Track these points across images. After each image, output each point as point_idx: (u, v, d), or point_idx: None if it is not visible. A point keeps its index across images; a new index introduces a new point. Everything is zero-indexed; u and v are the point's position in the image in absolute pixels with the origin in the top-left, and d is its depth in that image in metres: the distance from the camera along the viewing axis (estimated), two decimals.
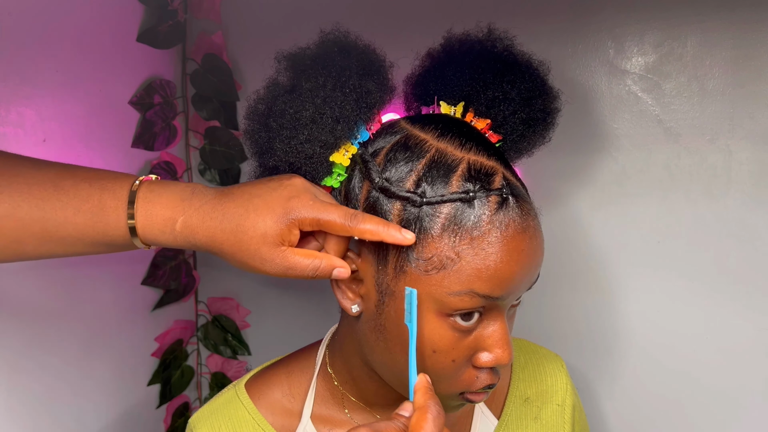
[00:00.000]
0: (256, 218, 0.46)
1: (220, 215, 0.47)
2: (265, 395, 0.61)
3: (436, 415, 0.43)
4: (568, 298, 0.84)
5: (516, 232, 0.48)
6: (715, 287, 0.76)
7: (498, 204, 0.47)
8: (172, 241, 0.49)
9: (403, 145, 0.50)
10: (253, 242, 0.47)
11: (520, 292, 0.50)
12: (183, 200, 0.48)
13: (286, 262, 0.47)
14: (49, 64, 0.76)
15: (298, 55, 0.54)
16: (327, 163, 0.52)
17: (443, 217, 0.47)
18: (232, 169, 1.03)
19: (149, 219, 0.48)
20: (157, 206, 0.48)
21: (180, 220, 0.48)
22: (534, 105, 0.56)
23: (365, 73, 0.52)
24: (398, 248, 0.48)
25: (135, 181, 0.49)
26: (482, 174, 0.48)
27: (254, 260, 0.47)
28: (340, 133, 0.51)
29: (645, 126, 0.76)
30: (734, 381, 0.77)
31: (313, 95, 0.50)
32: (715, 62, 0.72)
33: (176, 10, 0.93)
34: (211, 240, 0.47)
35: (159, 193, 0.49)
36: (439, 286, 0.47)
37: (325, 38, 0.54)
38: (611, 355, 0.83)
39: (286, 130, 0.50)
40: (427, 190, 0.48)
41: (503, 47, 0.58)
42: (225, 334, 1.09)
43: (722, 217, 0.74)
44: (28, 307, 0.77)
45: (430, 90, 0.57)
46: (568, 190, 0.81)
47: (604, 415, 0.85)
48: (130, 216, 0.48)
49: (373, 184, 0.49)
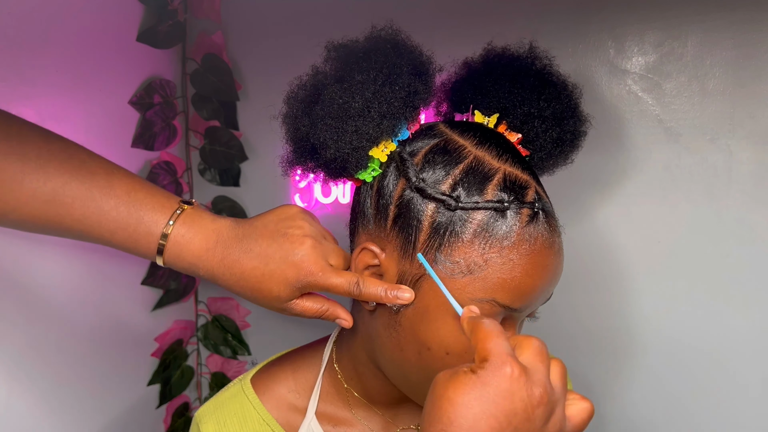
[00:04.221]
0: (270, 285, 0.52)
1: (239, 273, 0.53)
2: (271, 390, 0.61)
3: (489, 322, 0.41)
4: (568, 297, 0.84)
5: (543, 247, 0.49)
6: (715, 287, 0.76)
7: (529, 217, 0.48)
8: (193, 275, 0.56)
9: (442, 149, 0.51)
10: (267, 301, 0.53)
11: (536, 306, 0.52)
12: (207, 250, 0.54)
13: (295, 310, 0.54)
14: (49, 64, 0.76)
15: (349, 47, 0.54)
16: (366, 156, 0.52)
17: (476, 223, 0.48)
18: (231, 168, 1.03)
19: (176, 261, 0.54)
20: (185, 251, 0.54)
21: (203, 268, 0.54)
22: (565, 126, 0.57)
23: (415, 73, 0.53)
24: (426, 248, 0.49)
25: (169, 220, 0.53)
26: (517, 186, 0.49)
27: (269, 307, 0.55)
28: (385, 128, 0.51)
29: (645, 126, 0.76)
30: (734, 381, 0.77)
31: (363, 88, 0.51)
32: (716, 62, 0.72)
33: (176, 10, 0.93)
34: (230, 288, 0.54)
35: (189, 238, 0.54)
36: (462, 290, 0.48)
37: (376, 34, 0.54)
38: (610, 355, 0.83)
39: (333, 119, 0.51)
40: (462, 194, 0.48)
41: (542, 65, 0.59)
42: (225, 334, 1.09)
43: (722, 217, 0.74)
44: (29, 307, 0.77)
45: (467, 98, 0.58)
46: (568, 190, 0.81)
47: (603, 416, 0.85)
48: (159, 252, 0.53)
49: (409, 183, 0.50)
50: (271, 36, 0.95)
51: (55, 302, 0.81)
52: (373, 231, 0.53)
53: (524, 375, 0.37)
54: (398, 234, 0.50)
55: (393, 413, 0.62)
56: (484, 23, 0.81)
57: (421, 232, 0.49)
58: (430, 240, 0.49)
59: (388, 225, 0.51)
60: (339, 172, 0.54)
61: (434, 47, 0.56)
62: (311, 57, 0.55)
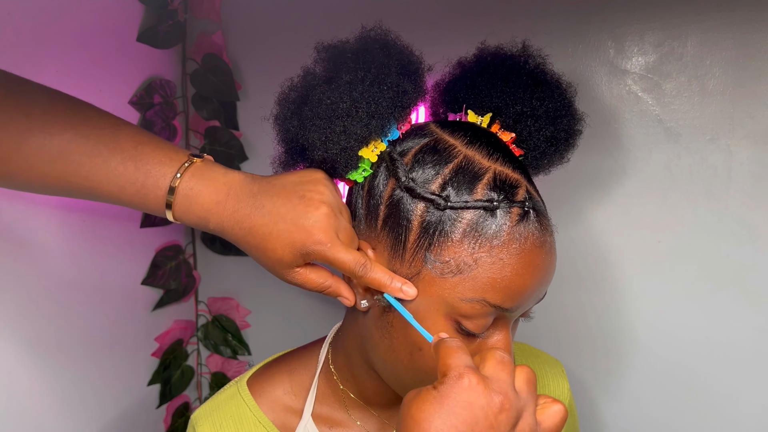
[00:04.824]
0: (275, 245, 0.50)
1: (247, 227, 0.51)
2: (267, 392, 0.61)
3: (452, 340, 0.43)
4: (567, 297, 0.84)
5: (534, 246, 0.48)
6: (715, 287, 0.76)
7: (519, 216, 0.48)
8: (204, 229, 0.54)
9: (432, 148, 0.51)
10: (270, 261, 0.51)
11: (528, 306, 0.51)
12: (218, 203, 0.52)
13: (296, 279, 0.52)
14: (49, 63, 0.76)
15: (338, 48, 0.54)
16: (356, 157, 0.52)
17: (465, 222, 0.48)
18: None
19: (185, 214, 0.52)
20: (194, 204, 0.52)
21: (213, 221, 0.52)
22: (559, 125, 0.57)
23: (404, 73, 0.53)
24: (415, 248, 0.49)
25: (177, 173, 0.52)
26: (507, 185, 0.49)
27: (271, 270, 0.53)
28: (373, 128, 0.51)
29: (645, 126, 0.76)
30: (734, 381, 0.76)
31: (351, 88, 0.51)
32: (716, 62, 0.72)
33: (176, 10, 0.93)
34: (237, 242, 0.52)
35: (198, 191, 0.52)
36: (452, 290, 0.48)
37: (366, 34, 0.55)
38: (609, 356, 0.83)
39: (321, 120, 0.51)
40: (451, 194, 0.48)
41: (535, 64, 0.59)
42: (225, 334, 1.09)
43: (722, 217, 0.74)
44: (29, 306, 0.77)
45: (460, 98, 0.58)
46: (568, 190, 0.81)
47: (603, 417, 0.85)
48: (168, 206, 0.52)
49: (399, 182, 0.50)
50: (271, 36, 0.95)
51: (55, 302, 0.81)
52: (364, 231, 0.53)
53: (482, 384, 0.38)
54: (388, 234, 0.50)
55: (389, 414, 0.62)
56: (483, 23, 0.81)
57: (411, 232, 0.49)
58: (420, 240, 0.49)
59: (378, 225, 0.51)
60: (330, 172, 0.54)
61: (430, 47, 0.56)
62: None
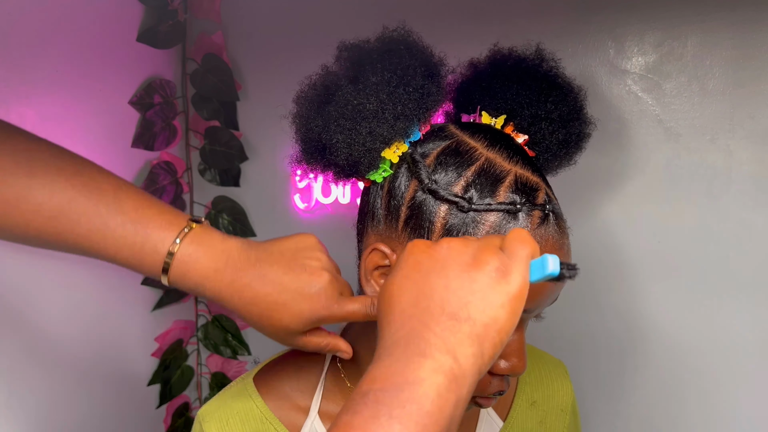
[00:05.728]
0: (282, 315, 0.51)
1: (249, 297, 0.51)
2: (274, 389, 0.61)
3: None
4: (570, 297, 0.84)
5: (553, 248, 0.49)
6: (715, 287, 0.76)
7: (540, 219, 0.48)
8: (199, 295, 0.54)
9: (453, 150, 0.51)
10: (274, 329, 0.52)
11: (542, 307, 0.51)
12: (216, 271, 0.51)
13: (299, 343, 0.53)
14: (49, 64, 0.76)
15: (361, 48, 0.54)
16: (379, 158, 0.52)
17: (488, 225, 0.48)
18: (231, 168, 1.03)
19: (181, 279, 0.52)
20: (191, 271, 0.52)
21: (210, 289, 0.52)
22: (571, 128, 0.58)
23: (428, 75, 0.53)
24: None
25: (176, 238, 0.52)
26: (528, 188, 0.49)
27: (273, 337, 0.53)
28: (398, 130, 0.52)
29: (645, 126, 0.76)
30: (735, 380, 0.77)
31: (378, 89, 0.51)
32: (715, 62, 0.72)
33: (176, 10, 0.93)
34: (237, 310, 0.52)
35: (196, 258, 0.52)
36: None
37: (389, 35, 0.55)
38: (611, 356, 0.83)
39: (347, 120, 0.51)
40: (474, 196, 0.48)
41: (549, 67, 0.59)
42: (225, 334, 1.09)
43: (722, 217, 0.74)
44: (29, 308, 0.77)
45: (474, 99, 0.58)
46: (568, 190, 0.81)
47: (604, 417, 0.85)
48: (164, 270, 0.51)
49: (422, 184, 0.50)
50: (271, 36, 0.95)
51: (55, 302, 0.81)
52: (384, 232, 0.53)
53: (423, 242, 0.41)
54: (410, 235, 0.50)
55: None
56: (484, 24, 0.81)
57: (434, 234, 0.49)
58: None
59: (399, 226, 0.51)
60: (350, 172, 0.54)
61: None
62: (311, 57, 0.55)
